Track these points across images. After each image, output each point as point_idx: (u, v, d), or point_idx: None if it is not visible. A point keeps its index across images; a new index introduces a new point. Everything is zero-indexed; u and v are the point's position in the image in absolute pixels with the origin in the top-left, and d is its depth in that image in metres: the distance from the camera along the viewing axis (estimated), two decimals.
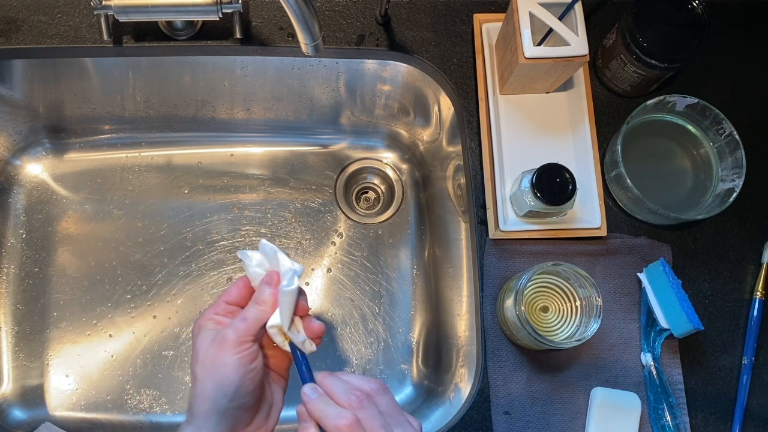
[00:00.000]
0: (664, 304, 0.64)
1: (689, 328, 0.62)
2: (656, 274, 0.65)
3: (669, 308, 0.63)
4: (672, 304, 0.63)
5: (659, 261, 0.65)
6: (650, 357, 0.65)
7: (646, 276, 0.66)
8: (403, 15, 0.74)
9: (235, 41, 0.72)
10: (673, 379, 0.66)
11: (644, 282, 0.66)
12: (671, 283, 0.63)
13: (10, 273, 0.81)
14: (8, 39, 0.70)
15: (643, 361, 0.65)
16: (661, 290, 0.64)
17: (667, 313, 0.64)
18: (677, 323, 0.63)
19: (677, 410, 0.64)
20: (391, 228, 0.87)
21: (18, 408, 0.77)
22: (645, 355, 0.65)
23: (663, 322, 0.64)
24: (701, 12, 0.65)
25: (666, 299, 0.64)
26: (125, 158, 0.86)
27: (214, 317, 0.49)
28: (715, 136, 0.69)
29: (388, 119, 0.87)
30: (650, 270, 0.66)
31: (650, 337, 0.66)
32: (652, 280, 0.65)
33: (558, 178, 0.61)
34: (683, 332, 0.63)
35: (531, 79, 0.67)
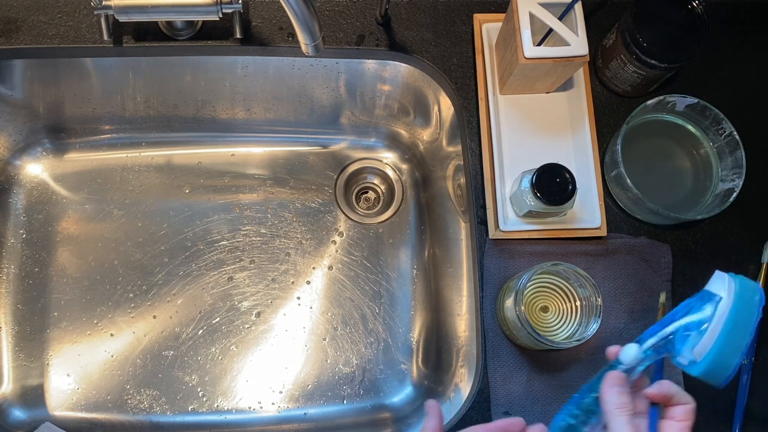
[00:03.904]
0: (730, 337, 0.44)
1: (719, 380, 0.45)
2: (748, 297, 0.45)
3: (730, 345, 0.44)
4: (737, 344, 0.44)
5: (758, 286, 0.45)
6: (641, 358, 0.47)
7: (735, 288, 0.45)
8: (403, 15, 0.74)
9: (235, 41, 0.72)
10: (673, 379, 0.66)
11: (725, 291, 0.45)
12: (756, 321, 0.44)
13: (10, 273, 0.81)
14: (8, 39, 0.70)
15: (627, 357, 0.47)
16: (740, 317, 0.44)
17: (721, 347, 0.44)
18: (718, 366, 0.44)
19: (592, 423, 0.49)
20: (391, 228, 0.87)
21: (18, 408, 0.77)
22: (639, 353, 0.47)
23: (699, 352, 0.44)
24: (701, 12, 0.65)
25: (737, 332, 0.44)
26: (125, 158, 0.86)
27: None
28: (715, 136, 0.69)
29: (388, 119, 0.87)
30: (744, 289, 0.45)
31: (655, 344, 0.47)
32: (739, 300, 0.44)
33: (558, 178, 0.61)
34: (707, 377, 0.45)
35: (531, 79, 0.67)
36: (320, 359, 0.82)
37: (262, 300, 0.83)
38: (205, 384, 0.80)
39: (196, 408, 0.79)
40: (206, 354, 0.81)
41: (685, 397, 0.45)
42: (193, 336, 0.81)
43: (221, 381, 0.80)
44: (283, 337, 0.82)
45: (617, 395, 0.44)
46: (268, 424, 0.79)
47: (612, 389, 0.45)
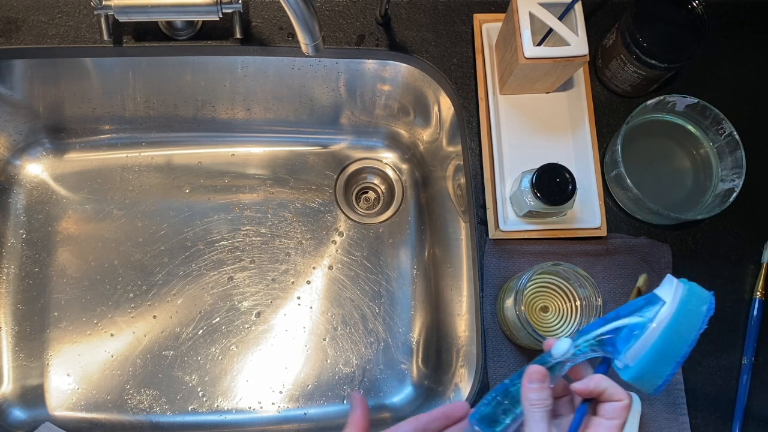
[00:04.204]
0: (666, 345, 0.42)
1: (650, 388, 0.43)
2: (693, 306, 0.43)
3: (664, 353, 0.42)
4: (672, 353, 0.42)
5: (710, 296, 0.43)
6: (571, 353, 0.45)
7: (682, 295, 0.43)
8: (403, 15, 0.74)
9: (235, 41, 0.72)
10: (673, 379, 0.65)
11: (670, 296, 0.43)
12: (698, 332, 0.42)
13: (10, 273, 0.81)
14: (8, 39, 0.70)
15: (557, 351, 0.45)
16: (681, 326, 0.42)
17: (654, 353, 0.42)
18: (649, 373, 0.42)
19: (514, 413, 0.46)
20: (391, 228, 0.87)
21: (18, 408, 0.77)
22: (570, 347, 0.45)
23: (631, 356, 0.43)
24: (701, 12, 0.65)
25: (675, 341, 0.42)
26: (125, 158, 0.86)
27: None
28: (715, 136, 0.69)
29: (388, 119, 0.87)
30: (691, 297, 0.43)
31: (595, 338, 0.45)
32: (683, 308, 0.43)
33: (558, 178, 0.61)
34: (638, 383, 0.44)
35: (531, 79, 0.67)
36: (320, 359, 0.82)
37: (262, 300, 0.83)
38: (205, 384, 0.80)
39: (196, 408, 0.79)
40: (206, 354, 0.81)
41: (618, 394, 0.43)
42: (193, 336, 0.81)
43: (221, 381, 0.80)
44: (283, 337, 0.82)
45: (534, 391, 0.43)
46: (268, 424, 0.79)
47: (530, 384, 0.43)
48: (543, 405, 0.43)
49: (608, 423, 0.42)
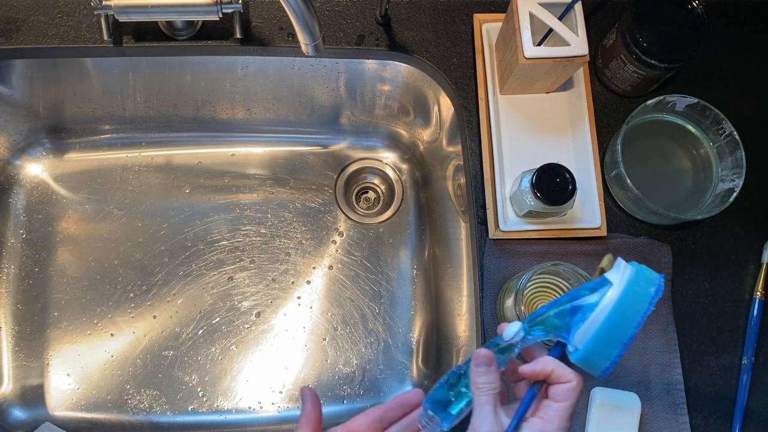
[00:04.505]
0: (612, 326, 0.42)
1: (598, 371, 0.43)
2: (640, 288, 0.42)
3: (610, 335, 0.42)
4: (618, 335, 0.42)
5: (659, 278, 0.43)
6: (521, 336, 0.45)
7: (629, 277, 0.43)
8: (403, 15, 0.74)
9: (235, 41, 0.72)
10: (673, 378, 0.66)
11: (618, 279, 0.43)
12: (644, 314, 0.42)
13: (10, 273, 0.81)
14: (8, 39, 0.70)
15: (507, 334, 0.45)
16: (628, 308, 0.42)
17: (600, 335, 0.42)
18: (595, 355, 0.42)
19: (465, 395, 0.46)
20: (391, 228, 0.87)
21: (18, 408, 0.77)
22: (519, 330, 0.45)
23: (578, 338, 0.43)
24: (701, 12, 0.65)
25: (621, 323, 0.42)
26: (125, 158, 0.86)
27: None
28: (715, 136, 0.69)
29: (388, 119, 0.87)
30: (638, 279, 0.42)
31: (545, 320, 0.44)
32: (630, 290, 0.42)
33: (558, 178, 0.61)
34: (585, 365, 0.43)
35: (531, 79, 0.67)
36: (320, 359, 0.82)
37: (262, 300, 0.83)
38: (205, 384, 0.80)
39: (196, 408, 0.79)
40: (206, 354, 0.81)
41: (566, 375, 0.43)
42: (193, 336, 0.81)
43: (221, 381, 0.80)
44: (283, 337, 0.82)
45: (480, 374, 0.43)
46: (268, 424, 0.79)
47: (477, 368, 0.44)
48: (489, 388, 0.43)
49: (557, 405, 0.42)
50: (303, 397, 0.48)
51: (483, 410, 0.42)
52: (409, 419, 0.49)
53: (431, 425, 0.46)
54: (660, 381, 0.66)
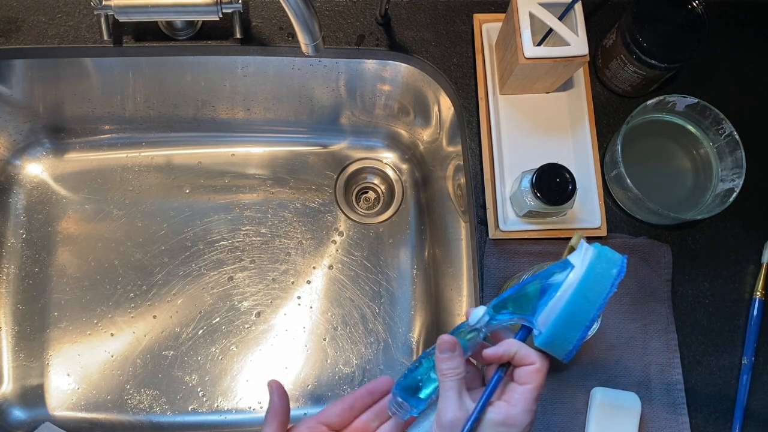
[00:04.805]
0: (573, 309, 0.41)
1: (562, 354, 0.43)
2: (602, 270, 0.42)
3: (572, 317, 0.41)
4: (580, 317, 0.41)
5: (621, 259, 0.42)
6: (485, 320, 0.44)
7: (591, 258, 0.42)
8: (403, 15, 0.74)
9: (235, 41, 0.72)
10: (673, 378, 0.66)
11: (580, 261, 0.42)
12: (606, 295, 0.41)
13: (10, 273, 0.81)
14: (8, 39, 0.70)
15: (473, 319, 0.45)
16: (589, 290, 0.41)
17: (562, 318, 0.42)
18: (558, 338, 0.42)
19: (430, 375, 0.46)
20: (391, 228, 0.87)
21: (18, 408, 0.77)
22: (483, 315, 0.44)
23: (542, 322, 0.42)
24: (701, 12, 0.65)
25: (582, 305, 0.41)
26: (125, 158, 0.86)
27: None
28: (715, 136, 0.69)
29: (388, 119, 0.87)
30: (600, 261, 0.42)
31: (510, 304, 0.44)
32: (591, 272, 0.42)
33: (558, 178, 0.61)
34: (549, 349, 0.43)
35: (531, 79, 0.67)
36: (320, 359, 0.82)
37: (262, 300, 0.83)
38: (205, 384, 0.80)
39: (196, 408, 0.79)
40: (206, 354, 0.81)
41: (529, 357, 0.42)
42: (193, 336, 0.81)
43: (221, 381, 0.80)
44: (283, 337, 0.82)
45: (445, 360, 0.43)
46: None
47: (441, 354, 0.44)
48: (454, 374, 0.43)
49: (522, 388, 0.42)
50: (269, 390, 0.48)
51: (447, 396, 0.43)
52: (379, 406, 0.49)
53: (401, 411, 0.46)
54: (660, 381, 0.66)
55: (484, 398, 0.42)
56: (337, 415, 0.48)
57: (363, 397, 0.49)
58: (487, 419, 0.42)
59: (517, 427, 0.41)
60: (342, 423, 0.48)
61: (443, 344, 0.44)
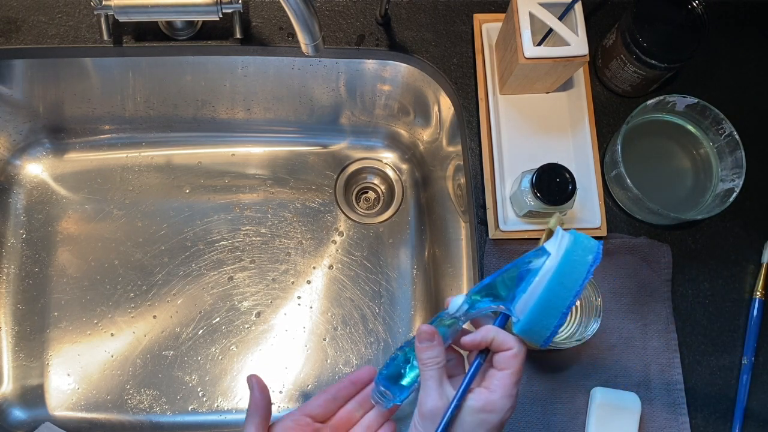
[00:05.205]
0: (551, 296, 0.42)
1: (540, 340, 0.43)
2: (578, 256, 0.42)
3: (549, 304, 0.42)
4: (557, 304, 0.42)
5: (597, 246, 0.43)
6: (464, 308, 0.45)
7: (567, 245, 0.43)
8: (403, 15, 0.74)
9: (235, 41, 0.72)
10: (673, 378, 0.66)
11: (556, 248, 0.43)
12: (582, 282, 0.42)
13: (10, 273, 0.81)
14: (8, 39, 0.70)
15: (452, 307, 0.45)
16: (566, 277, 0.42)
17: (540, 305, 0.42)
18: (536, 325, 0.42)
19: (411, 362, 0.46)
20: (391, 228, 0.87)
21: (18, 408, 0.77)
22: (462, 303, 0.45)
23: (520, 309, 0.43)
24: (701, 12, 0.65)
25: (559, 292, 0.42)
26: (125, 158, 0.86)
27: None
28: (715, 136, 0.69)
29: (388, 119, 0.87)
30: (576, 248, 0.43)
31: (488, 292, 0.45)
32: (567, 259, 0.42)
33: (558, 178, 0.61)
34: (527, 336, 0.44)
35: (531, 79, 0.67)
36: (320, 359, 0.82)
37: (262, 300, 0.83)
38: (205, 384, 0.80)
39: (196, 408, 0.79)
40: (206, 354, 0.81)
41: (507, 343, 0.43)
42: (193, 336, 0.81)
43: (221, 381, 0.80)
44: (283, 337, 0.82)
45: (424, 350, 0.44)
46: None
47: (420, 344, 0.44)
48: (434, 363, 0.43)
49: (500, 374, 0.43)
50: (249, 384, 0.49)
51: (428, 385, 0.43)
52: (363, 396, 0.50)
53: (384, 400, 0.47)
54: (660, 381, 0.66)
55: (464, 386, 0.43)
56: (321, 406, 0.49)
57: (346, 387, 0.50)
58: (467, 406, 0.42)
59: (498, 413, 0.42)
60: (326, 414, 0.49)
61: (422, 334, 0.44)
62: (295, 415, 0.48)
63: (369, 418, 0.49)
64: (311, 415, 0.49)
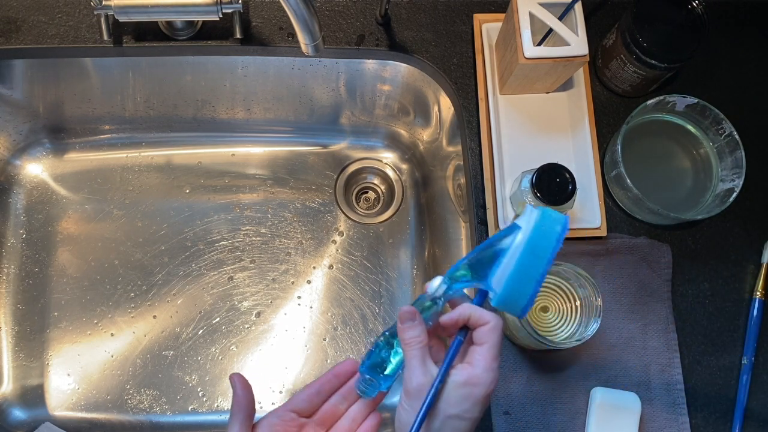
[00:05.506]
0: (524, 266, 0.44)
1: (518, 310, 0.45)
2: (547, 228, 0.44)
3: (523, 274, 0.44)
4: (531, 273, 0.44)
5: (564, 218, 0.45)
6: (443, 289, 0.46)
7: (536, 218, 0.45)
8: (403, 15, 0.74)
9: (235, 41, 0.72)
10: (673, 378, 0.66)
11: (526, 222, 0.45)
12: (553, 250, 0.44)
13: (10, 273, 0.81)
14: (8, 39, 0.70)
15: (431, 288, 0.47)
16: (537, 247, 0.44)
17: (514, 276, 0.44)
18: (512, 295, 0.44)
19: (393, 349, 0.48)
20: (391, 228, 0.87)
21: (18, 408, 0.77)
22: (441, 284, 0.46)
23: (496, 283, 0.44)
24: (701, 12, 0.65)
25: (532, 261, 0.44)
26: (125, 158, 0.86)
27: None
28: (715, 136, 0.69)
29: (388, 119, 0.87)
30: (544, 220, 0.45)
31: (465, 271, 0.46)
32: (537, 230, 0.44)
33: (558, 178, 0.61)
34: (506, 307, 0.45)
35: (531, 79, 0.67)
36: (320, 359, 0.82)
37: (262, 300, 0.83)
38: (205, 384, 0.80)
39: (196, 408, 0.79)
40: (206, 354, 0.81)
41: (484, 317, 0.44)
42: (193, 336, 0.81)
43: (221, 381, 0.80)
44: (283, 337, 0.82)
45: (406, 330, 0.45)
46: None
47: (402, 325, 0.45)
48: (416, 342, 0.44)
49: (480, 348, 0.44)
50: (232, 383, 0.48)
51: (412, 364, 0.44)
52: (347, 388, 0.50)
53: (369, 389, 0.47)
54: (660, 381, 0.66)
55: (447, 361, 0.44)
56: (305, 401, 0.49)
57: (330, 381, 0.50)
58: (451, 381, 0.43)
59: (481, 386, 0.43)
60: (311, 408, 0.49)
61: (404, 314, 0.45)
62: (280, 411, 0.48)
63: (354, 410, 0.50)
64: (296, 411, 0.49)
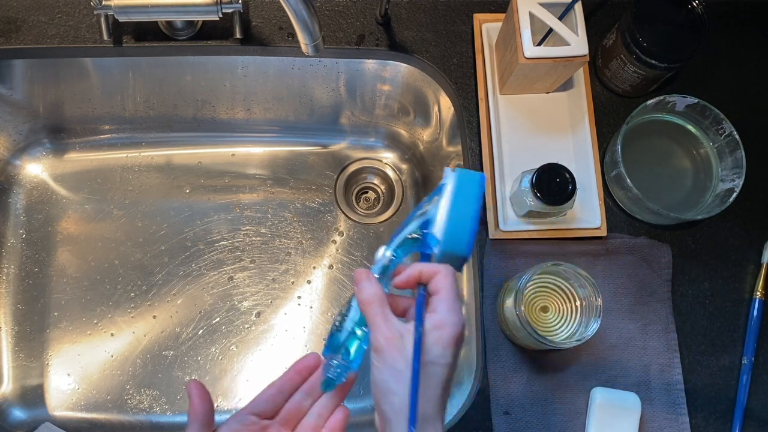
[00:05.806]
0: (458, 207, 0.48)
1: (462, 253, 0.48)
2: (468, 178, 0.50)
3: (459, 214, 0.48)
4: (465, 211, 0.48)
5: (477, 173, 0.51)
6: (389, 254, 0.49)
7: (457, 174, 0.50)
8: (403, 15, 0.74)
9: (235, 41, 0.72)
10: (673, 379, 0.66)
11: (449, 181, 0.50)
12: (479, 192, 0.49)
13: (10, 273, 0.81)
14: (8, 39, 0.70)
15: (378, 255, 0.49)
16: (465, 191, 0.49)
17: (451, 218, 0.48)
18: (454, 236, 0.48)
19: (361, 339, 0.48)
20: (391, 228, 0.87)
21: (18, 408, 0.77)
22: (386, 250, 0.49)
23: (437, 228, 0.48)
24: (701, 12, 0.65)
25: (464, 202, 0.48)
26: (125, 158, 0.86)
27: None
28: (715, 136, 0.69)
29: (388, 119, 0.87)
30: (465, 174, 0.50)
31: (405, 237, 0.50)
32: (460, 180, 0.50)
33: (558, 178, 0.61)
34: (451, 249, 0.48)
35: (531, 79, 0.67)
36: None
37: (262, 300, 0.83)
38: (205, 384, 0.79)
39: None
40: (206, 354, 0.81)
41: (433, 268, 0.45)
42: (193, 336, 0.81)
43: (221, 381, 0.80)
44: (283, 337, 0.82)
45: (363, 290, 0.45)
46: None
47: (360, 285, 0.45)
48: (375, 298, 0.44)
49: (437, 296, 0.45)
50: (188, 392, 0.47)
51: (375, 322, 0.44)
52: (309, 384, 0.49)
53: (339, 371, 0.47)
54: (660, 381, 0.66)
55: (418, 313, 0.44)
56: (267, 401, 0.48)
57: (291, 378, 0.49)
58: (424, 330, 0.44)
59: (446, 327, 0.43)
60: (274, 408, 0.48)
61: (358, 275, 0.46)
62: (240, 415, 0.47)
63: (319, 405, 0.48)
64: (257, 413, 0.47)
